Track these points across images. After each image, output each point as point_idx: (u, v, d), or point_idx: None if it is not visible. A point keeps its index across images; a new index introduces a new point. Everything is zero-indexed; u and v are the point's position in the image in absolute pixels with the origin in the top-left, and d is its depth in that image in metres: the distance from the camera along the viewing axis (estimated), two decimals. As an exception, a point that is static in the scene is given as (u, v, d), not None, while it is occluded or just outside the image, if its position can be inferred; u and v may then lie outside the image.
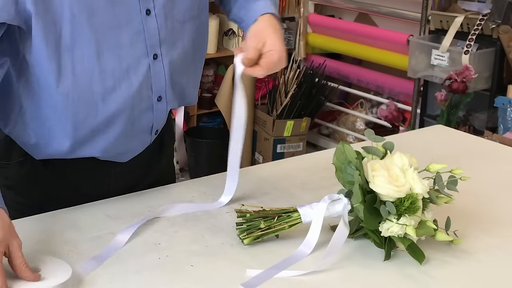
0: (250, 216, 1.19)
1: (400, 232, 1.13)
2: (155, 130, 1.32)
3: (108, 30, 1.16)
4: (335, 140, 3.94)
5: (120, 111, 1.23)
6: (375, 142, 1.22)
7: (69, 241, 1.18)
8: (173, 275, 1.09)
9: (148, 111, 1.28)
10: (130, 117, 1.24)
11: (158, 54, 1.23)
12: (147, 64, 1.23)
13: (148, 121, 1.29)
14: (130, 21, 1.18)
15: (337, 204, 1.17)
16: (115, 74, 1.20)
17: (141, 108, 1.26)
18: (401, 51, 3.39)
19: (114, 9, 1.16)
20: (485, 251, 1.19)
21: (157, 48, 1.23)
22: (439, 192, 1.20)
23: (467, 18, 3.00)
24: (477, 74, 2.86)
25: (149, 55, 1.22)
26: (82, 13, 1.13)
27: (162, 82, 1.26)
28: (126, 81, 1.21)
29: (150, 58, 1.23)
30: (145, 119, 1.29)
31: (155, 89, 1.26)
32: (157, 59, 1.24)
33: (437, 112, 3.10)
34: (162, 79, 1.26)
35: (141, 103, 1.25)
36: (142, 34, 1.20)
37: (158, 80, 1.25)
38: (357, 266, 1.14)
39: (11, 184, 1.32)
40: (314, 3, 4.03)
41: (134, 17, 1.19)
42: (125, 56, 1.19)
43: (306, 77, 3.82)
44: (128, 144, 1.30)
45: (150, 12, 1.20)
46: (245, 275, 1.09)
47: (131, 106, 1.24)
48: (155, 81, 1.25)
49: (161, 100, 1.28)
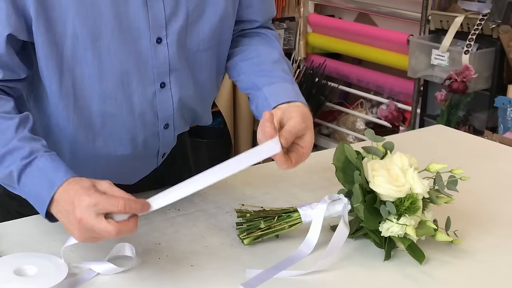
0: (250, 216, 1.19)
1: (400, 232, 1.13)
2: (162, 153, 1.30)
3: (113, 55, 1.13)
4: (335, 140, 3.94)
5: (121, 136, 1.20)
6: (375, 142, 1.22)
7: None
8: (173, 275, 1.09)
9: (154, 137, 1.25)
10: (132, 143, 1.21)
11: (166, 82, 1.20)
12: (152, 91, 1.19)
13: (153, 147, 1.27)
14: (137, 48, 1.14)
15: (337, 204, 1.17)
16: (117, 99, 1.17)
17: (145, 134, 1.23)
18: (401, 51, 3.39)
19: (121, 35, 1.12)
20: (485, 251, 1.19)
21: (166, 76, 1.19)
22: (439, 192, 1.20)
23: (467, 18, 3.00)
24: (477, 74, 2.85)
25: (156, 83, 1.19)
26: (86, 35, 1.10)
27: (170, 111, 1.23)
28: (128, 107, 1.18)
29: (157, 86, 1.19)
30: (151, 145, 1.26)
31: (162, 117, 1.23)
32: (164, 87, 1.20)
33: (437, 112, 3.10)
34: (170, 108, 1.22)
35: (145, 129, 1.23)
36: (150, 62, 1.16)
37: (165, 108, 1.22)
38: (357, 266, 1.14)
39: (14, 195, 1.31)
40: (314, 3, 4.03)
41: (142, 45, 1.14)
42: (128, 82, 1.16)
43: (306, 77, 3.82)
44: (132, 167, 1.28)
45: (162, 41, 1.16)
46: (245, 275, 1.09)
47: (132, 132, 1.21)
48: (161, 109, 1.22)
49: (168, 127, 1.25)
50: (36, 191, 1.04)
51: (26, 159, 1.05)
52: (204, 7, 1.19)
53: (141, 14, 1.12)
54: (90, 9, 1.08)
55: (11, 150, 1.06)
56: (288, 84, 1.20)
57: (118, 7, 1.10)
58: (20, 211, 1.29)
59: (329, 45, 3.95)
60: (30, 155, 1.05)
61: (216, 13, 1.21)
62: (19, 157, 1.05)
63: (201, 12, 1.19)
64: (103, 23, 1.10)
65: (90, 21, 1.09)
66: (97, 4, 1.09)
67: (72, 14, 1.08)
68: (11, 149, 1.06)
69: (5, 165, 1.06)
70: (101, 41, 1.11)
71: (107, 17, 1.10)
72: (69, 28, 1.09)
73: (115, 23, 1.10)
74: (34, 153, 1.05)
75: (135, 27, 1.13)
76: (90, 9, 1.08)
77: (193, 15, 1.18)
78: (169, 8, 1.14)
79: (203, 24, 1.20)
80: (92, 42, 1.11)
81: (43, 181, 1.03)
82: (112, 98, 1.17)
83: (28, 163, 1.05)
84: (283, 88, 1.18)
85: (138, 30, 1.13)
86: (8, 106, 1.10)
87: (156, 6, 1.13)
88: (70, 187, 1.01)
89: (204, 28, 1.21)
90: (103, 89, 1.15)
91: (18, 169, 1.05)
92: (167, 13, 1.15)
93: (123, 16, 1.11)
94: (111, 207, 0.96)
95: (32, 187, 1.05)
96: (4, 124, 1.08)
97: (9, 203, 1.32)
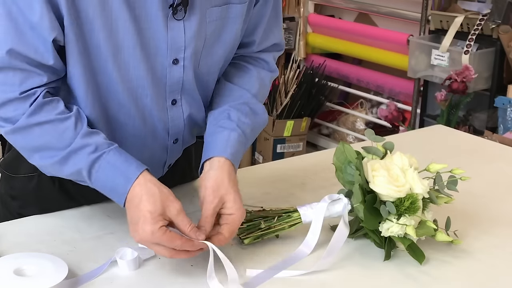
0: (250, 216, 1.19)
1: (400, 232, 1.13)
2: (168, 165, 1.31)
3: (131, 70, 1.13)
4: (335, 140, 3.94)
5: (130, 146, 1.19)
6: (375, 142, 1.22)
7: (69, 241, 1.18)
8: (173, 275, 1.09)
9: (162, 151, 1.26)
10: (141, 154, 1.20)
11: (177, 100, 1.20)
12: (164, 107, 1.20)
13: (161, 159, 1.28)
14: (154, 66, 1.15)
15: (337, 204, 1.17)
16: (130, 110, 1.18)
17: (154, 147, 1.25)
18: (401, 51, 3.39)
19: (142, 52, 1.12)
20: (485, 251, 1.19)
21: (177, 94, 1.20)
22: (439, 192, 1.20)
23: (467, 18, 3.00)
24: (477, 74, 2.85)
25: (168, 100, 1.20)
26: (109, 48, 1.10)
27: (180, 127, 1.24)
28: (140, 120, 1.19)
29: (168, 103, 1.20)
30: (158, 157, 1.27)
31: (172, 133, 1.24)
32: (176, 104, 1.21)
33: (437, 112, 3.10)
34: (181, 124, 1.24)
35: (155, 142, 1.24)
36: (164, 80, 1.17)
37: (176, 124, 1.23)
38: (357, 266, 1.14)
39: (16, 195, 1.31)
40: (314, 3, 4.03)
41: (159, 63, 1.15)
42: (142, 96, 1.17)
43: (306, 77, 3.82)
44: None
45: (178, 62, 1.16)
46: (245, 275, 1.09)
47: (142, 144, 1.22)
48: (173, 126, 1.23)
49: (177, 142, 1.27)
50: (110, 186, 1.08)
51: (94, 154, 1.08)
52: (221, 32, 1.19)
53: (162, 34, 1.13)
54: (114, 23, 1.09)
55: (76, 149, 1.08)
56: (225, 133, 1.19)
57: (140, 24, 1.11)
58: (20, 212, 1.29)
59: (329, 45, 3.95)
60: (96, 151, 1.08)
61: (231, 37, 1.21)
62: (86, 154, 1.08)
63: (217, 36, 1.19)
64: (126, 38, 1.11)
65: (114, 35, 1.10)
66: (122, 19, 1.09)
67: (98, 26, 1.08)
68: (76, 148, 1.08)
69: (72, 163, 1.09)
70: (122, 55, 1.12)
71: (129, 33, 1.10)
72: (95, 38, 1.09)
73: (137, 40, 1.11)
74: (100, 148, 1.08)
75: (154, 46, 1.13)
76: (115, 23, 1.09)
77: (210, 39, 1.19)
78: (190, 32, 1.14)
79: (217, 48, 1.21)
80: (113, 55, 1.11)
81: (117, 175, 1.07)
82: (126, 108, 1.18)
83: (97, 158, 1.08)
84: (213, 143, 1.19)
85: (157, 49, 1.14)
86: (60, 107, 1.11)
87: (176, 28, 1.13)
88: (144, 182, 1.06)
89: (218, 52, 1.22)
90: (119, 99, 1.16)
91: (88, 166, 1.08)
92: (187, 37, 1.15)
93: (144, 33, 1.11)
94: (169, 244, 1.04)
95: (106, 182, 1.08)
96: (62, 125, 1.09)
97: (10, 203, 1.32)
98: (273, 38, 1.31)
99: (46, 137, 1.09)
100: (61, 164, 1.10)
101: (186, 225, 1.05)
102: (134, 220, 1.05)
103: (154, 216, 1.03)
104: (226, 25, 1.19)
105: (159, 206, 1.04)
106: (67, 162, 1.09)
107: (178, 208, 1.05)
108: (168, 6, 1.11)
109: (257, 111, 1.26)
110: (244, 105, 1.24)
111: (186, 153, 1.37)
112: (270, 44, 1.31)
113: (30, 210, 1.29)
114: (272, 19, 1.29)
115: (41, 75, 1.09)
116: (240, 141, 1.19)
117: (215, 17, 1.17)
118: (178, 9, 1.11)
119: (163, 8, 1.10)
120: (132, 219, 1.06)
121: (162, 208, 1.04)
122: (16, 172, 1.29)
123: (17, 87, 1.08)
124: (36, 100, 1.09)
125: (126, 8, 1.08)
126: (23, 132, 1.10)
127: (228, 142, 1.18)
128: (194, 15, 1.13)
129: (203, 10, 1.15)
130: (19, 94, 1.08)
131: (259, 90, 1.29)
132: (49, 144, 1.10)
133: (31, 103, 1.08)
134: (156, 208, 1.04)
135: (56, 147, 1.09)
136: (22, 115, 1.08)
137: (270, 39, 1.30)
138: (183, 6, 1.11)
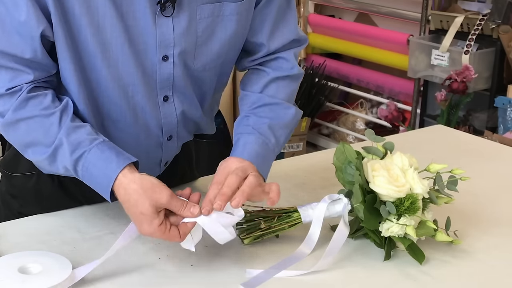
0: (250, 216, 1.19)
1: (400, 232, 1.13)
2: (165, 162, 1.31)
3: (120, 66, 1.13)
4: (335, 140, 3.94)
5: (124, 143, 1.19)
6: (375, 142, 1.22)
7: (69, 241, 1.18)
8: (173, 275, 1.09)
9: (156, 148, 1.26)
10: (136, 151, 1.19)
11: (169, 96, 1.20)
12: (155, 104, 1.20)
13: (156, 156, 1.28)
14: (143, 62, 1.15)
15: (337, 204, 1.17)
16: (122, 107, 1.18)
17: (148, 144, 1.24)
18: (401, 51, 3.39)
19: (130, 48, 1.12)
20: (485, 251, 1.20)
21: (169, 90, 1.20)
22: (439, 192, 1.20)
23: (467, 18, 3.00)
24: (477, 74, 2.86)
25: (159, 96, 1.19)
26: (97, 45, 1.10)
27: (174, 124, 1.24)
28: (132, 117, 1.20)
29: (160, 99, 1.20)
30: (153, 154, 1.27)
31: (166, 130, 1.24)
32: (167, 100, 1.21)
33: (437, 112, 3.10)
34: (174, 121, 1.23)
35: (149, 140, 1.24)
36: (154, 76, 1.17)
37: (168, 121, 1.23)
38: (357, 266, 1.14)
39: (16, 194, 1.32)
40: (314, 3, 4.03)
41: (148, 60, 1.15)
42: (133, 93, 1.17)
43: (306, 77, 3.80)
44: None
45: (168, 59, 1.16)
46: (245, 275, 1.09)
47: (135, 140, 1.22)
48: (165, 123, 1.23)
49: (171, 139, 1.26)
50: (95, 185, 1.09)
51: (76, 154, 1.08)
52: (214, 29, 1.18)
53: (150, 30, 1.12)
54: (101, 19, 1.09)
55: (58, 146, 1.09)
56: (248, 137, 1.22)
57: (127, 21, 1.11)
58: (21, 211, 1.30)
59: (329, 45, 3.95)
60: (77, 149, 1.08)
61: (226, 35, 1.20)
62: (68, 153, 1.08)
63: (211, 34, 1.18)
64: (114, 35, 1.11)
65: (101, 32, 1.10)
66: (108, 16, 1.09)
67: (85, 22, 1.09)
68: (58, 145, 1.09)
69: (59, 161, 1.10)
70: (110, 52, 1.12)
71: (117, 30, 1.10)
72: (83, 35, 1.10)
73: (125, 37, 1.11)
74: (82, 146, 1.08)
75: (143, 42, 1.13)
76: (102, 19, 1.09)
77: (203, 37, 1.18)
78: (179, 29, 1.14)
79: (211, 46, 1.20)
80: (102, 52, 1.11)
81: (99, 175, 1.08)
82: (118, 105, 1.18)
83: (79, 157, 1.08)
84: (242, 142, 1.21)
85: (146, 46, 1.14)
86: (46, 102, 1.11)
87: (165, 25, 1.13)
88: (127, 182, 1.06)
89: (213, 50, 1.20)
90: (110, 96, 1.16)
91: (72, 165, 1.09)
92: (177, 33, 1.14)
93: (132, 30, 1.11)
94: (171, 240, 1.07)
95: (91, 181, 1.09)
96: (47, 122, 1.10)
97: (11, 202, 1.32)
98: (288, 35, 1.28)
99: (33, 133, 1.11)
100: (50, 160, 1.10)
101: (179, 208, 1.06)
102: (134, 221, 1.07)
103: (147, 217, 1.04)
104: (220, 22, 1.18)
105: (147, 205, 1.04)
106: (56, 159, 1.10)
107: (166, 197, 1.05)
108: (156, 2, 1.11)
109: (275, 109, 1.25)
110: (259, 108, 1.25)
111: (186, 153, 1.37)
112: (287, 42, 1.28)
113: (31, 209, 1.29)
114: (280, 17, 1.26)
115: (29, 73, 1.10)
116: (257, 142, 1.20)
117: (206, 14, 1.16)
118: (166, 5, 1.11)
119: (151, 5, 1.10)
120: (132, 219, 1.07)
121: (151, 204, 1.04)
122: (16, 171, 1.30)
123: (7, 84, 1.10)
124: (21, 95, 1.10)
125: (111, 5, 1.08)
126: (12, 127, 1.11)
127: (245, 146, 1.20)
128: (183, 12, 1.13)
129: (193, 7, 1.14)
130: (6, 91, 1.09)
131: (276, 91, 1.27)
132: (37, 140, 1.11)
133: (17, 98, 1.10)
134: (146, 207, 1.04)
135: (44, 143, 1.10)
136: (9, 110, 1.10)
137: (282, 37, 1.27)
138: (171, 2, 1.11)
